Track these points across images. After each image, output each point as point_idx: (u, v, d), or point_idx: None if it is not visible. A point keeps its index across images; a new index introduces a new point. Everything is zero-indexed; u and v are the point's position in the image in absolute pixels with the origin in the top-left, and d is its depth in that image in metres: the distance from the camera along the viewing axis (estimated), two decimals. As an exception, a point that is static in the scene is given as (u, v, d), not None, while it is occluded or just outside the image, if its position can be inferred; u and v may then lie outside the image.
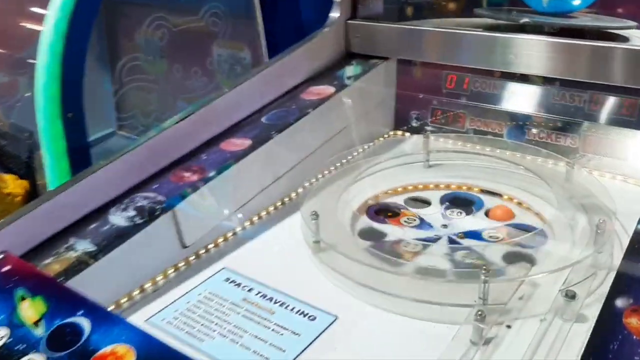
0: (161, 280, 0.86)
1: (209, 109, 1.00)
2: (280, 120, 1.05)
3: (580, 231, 0.86)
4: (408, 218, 0.99)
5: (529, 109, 1.13)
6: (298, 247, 0.91)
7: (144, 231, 0.82)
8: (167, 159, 0.95)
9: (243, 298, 0.81)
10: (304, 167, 1.06)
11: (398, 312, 0.76)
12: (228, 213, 0.94)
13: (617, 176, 1.06)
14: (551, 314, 0.74)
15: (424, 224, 0.98)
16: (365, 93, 1.20)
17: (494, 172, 1.08)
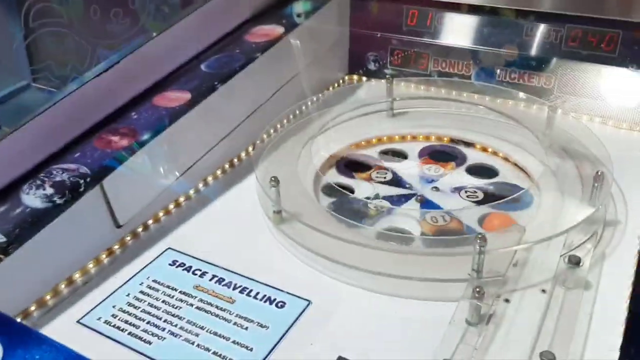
0: (93, 268, 0.71)
1: (136, 57, 0.83)
2: (223, 68, 0.89)
3: (572, 185, 0.78)
4: (379, 172, 0.88)
5: (499, 46, 1.02)
6: (255, 217, 0.79)
7: (67, 212, 0.66)
8: (89, 120, 0.78)
9: (195, 285, 0.68)
10: (252, 122, 0.92)
11: (382, 291, 0.66)
12: (168, 182, 0.79)
13: (595, 118, 0.98)
14: (552, 283, 0.65)
15: (397, 179, 0.87)
16: (318, 33, 1.05)
17: (465, 119, 0.97)
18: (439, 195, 0.83)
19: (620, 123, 0.96)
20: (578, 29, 0.95)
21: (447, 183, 0.85)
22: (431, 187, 0.84)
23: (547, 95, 1.00)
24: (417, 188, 0.85)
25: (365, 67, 1.15)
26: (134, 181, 0.74)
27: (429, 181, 0.86)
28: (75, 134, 0.76)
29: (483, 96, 1.03)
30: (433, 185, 0.85)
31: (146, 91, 0.85)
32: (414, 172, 0.88)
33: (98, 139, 0.75)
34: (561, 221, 0.70)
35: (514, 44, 1.00)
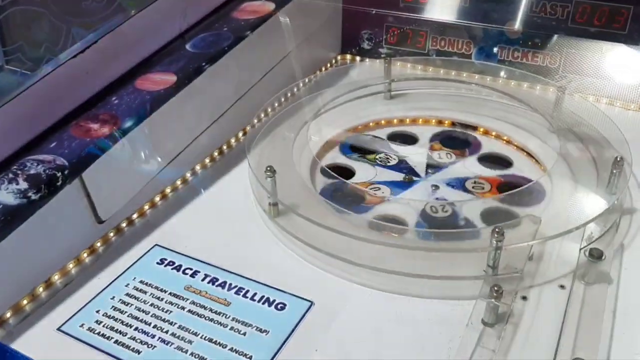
0: (73, 268, 0.65)
1: (116, 36, 0.76)
2: (210, 48, 0.83)
3: (586, 171, 0.73)
4: (385, 155, 0.83)
5: (501, 23, 0.96)
6: (249, 209, 0.73)
7: (43, 209, 0.60)
8: (65, 106, 0.71)
9: (186, 286, 0.62)
10: (242, 105, 0.86)
11: (389, 289, 0.61)
12: (153, 172, 0.73)
13: (602, 98, 0.93)
14: (572, 278, 0.61)
15: (403, 165, 0.81)
16: (309, 10, 0.99)
17: (467, 101, 0.92)
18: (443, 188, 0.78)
19: (628, 104, 0.92)
20: (586, 4, 0.90)
21: (455, 172, 0.80)
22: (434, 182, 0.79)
23: (552, 75, 0.95)
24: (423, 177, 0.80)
25: (359, 45, 1.09)
26: (117, 173, 0.68)
27: (436, 170, 0.81)
28: (51, 121, 0.69)
29: (484, 76, 0.98)
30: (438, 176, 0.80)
31: (128, 73, 0.78)
32: (423, 158, 0.83)
33: (76, 127, 0.69)
34: (579, 212, 0.66)
35: (517, 20, 0.95)
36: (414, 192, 0.77)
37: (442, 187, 0.77)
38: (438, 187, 0.77)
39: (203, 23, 0.89)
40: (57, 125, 0.70)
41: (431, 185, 0.78)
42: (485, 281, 0.59)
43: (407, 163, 0.83)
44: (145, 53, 0.81)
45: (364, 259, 0.62)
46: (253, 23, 0.88)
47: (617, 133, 0.76)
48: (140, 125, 0.70)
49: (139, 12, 0.80)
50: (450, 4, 0.99)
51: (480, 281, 0.59)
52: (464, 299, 0.59)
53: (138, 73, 0.78)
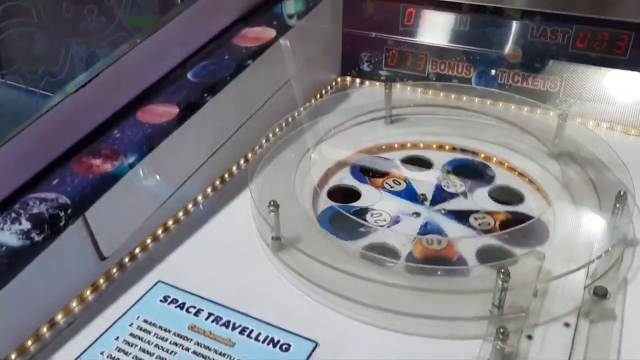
0: (77, 307, 0.65)
1: (117, 68, 0.76)
2: (211, 77, 0.83)
3: (589, 203, 0.73)
4: (394, 180, 0.82)
5: (502, 48, 0.97)
6: (251, 242, 0.73)
7: (47, 250, 0.60)
8: (67, 141, 0.71)
9: (190, 325, 0.62)
10: (244, 132, 0.86)
11: (395, 328, 0.61)
12: (156, 206, 0.73)
13: (603, 123, 0.94)
14: (576, 316, 0.61)
15: (410, 191, 0.81)
16: (310, 35, 0.99)
17: (467, 126, 0.92)
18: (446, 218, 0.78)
19: (629, 128, 0.92)
20: (587, 30, 0.90)
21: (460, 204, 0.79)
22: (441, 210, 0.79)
23: (552, 99, 0.96)
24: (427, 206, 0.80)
25: (358, 67, 1.09)
26: (119, 208, 0.68)
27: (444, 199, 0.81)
28: (53, 157, 0.69)
29: (484, 100, 0.98)
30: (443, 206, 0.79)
31: (129, 104, 0.78)
32: (431, 186, 0.83)
33: (78, 163, 0.68)
34: (584, 248, 0.66)
35: (518, 45, 0.95)
36: (416, 222, 0.77)
37: (444, 218, 0.77)
38: (418, 216, 0.77)
39: (204, 51, 0.88)
40: (59, 161, 0.69)
41: (413, 212, 0.78)
42: (490, 321, 0.59)
43: (414, 190, 0.82)
44: (146, 83, 0.80)
45: (368, 297, 0.62)
46: (254, 50, 0.87)
47: (618, 161, 0.76)
48: (143, 160, 0.70)
49: (142, 41, 0.80)
50: (449, 28, 0.99)
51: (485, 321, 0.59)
52: (470, 339, 0.59)
53: (139, 104, 0.78)
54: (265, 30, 0.93)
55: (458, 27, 0.99)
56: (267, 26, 0.93)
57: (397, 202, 0.80)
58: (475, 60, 0.99)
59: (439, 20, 0.99)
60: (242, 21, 0.95)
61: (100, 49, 1.39)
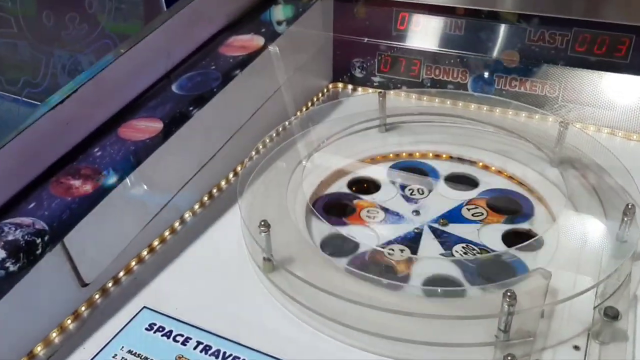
0: (57, 337, 0.61)
1: (96, 82, 0.72)
2: (197, 89, 0.79)
3: (595, 216, 0.70)
4: (369, 211, 0.78)
5: (498, 52, 0.94)
6: (242, 263, 0.70)
7: (23, 281, 0.56)
8: (44, 160, 0.67)
9: (178, 355, 0.59)
10: (232, 145, 0.82)
11: (395, 356, 0.57)
12: (140, 227, 0.69)
13: (603, 128, 0.91)
14: (586, 338, 0.58)
15: (390, 214, 0.78)
16: (300, 42, 0.95)
17: (464, 134, 0.89)
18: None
19: (630, 134, 0.89)
20: (586, 33, 0.87)
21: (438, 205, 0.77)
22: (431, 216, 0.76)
23: (551, 104, 0.93)
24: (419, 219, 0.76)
25: (350, 74, 1.05)
26: (101, 232, 0.64)
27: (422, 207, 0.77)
28: (29, 178, 0.65)
29: (481, 106, 0.95)
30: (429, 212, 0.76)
31: (110, 120, 0.74)
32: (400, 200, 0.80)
33: (56, 184, 0.65)
34: (591, 264, 0.62)
35: (515, 49, 0.92)
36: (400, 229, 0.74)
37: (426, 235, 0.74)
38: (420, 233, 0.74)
39: (189, 61, 0.85)
40: (36, 183, 0.65)
41: (414, 229, 0.74)
42: (496, 347, 0.55)
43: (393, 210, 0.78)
44: (128, 98, 0.77)
45: (366, 323, 0.58)
46: (242, 60, 0.84)
47: (621, 168, 0.74)
48: (125, 179, 0.66)
49: (121, 55, 0.76)
50: (444, 32, 0.96)
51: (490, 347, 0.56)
52: (474, 365, 0.56)
53: (121, 120, 0.74)
54: (253, 38, 0.89)
55: (453, 31, 0.95)
56: (255, 34, 0.90)
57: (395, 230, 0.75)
58: (471, 65, 0.96)
59: (433, 25, 0.96)
60: (229, 29, 0.92)
61: (84, 56, 1.35)
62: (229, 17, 0.92)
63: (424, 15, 0.96)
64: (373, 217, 0.77)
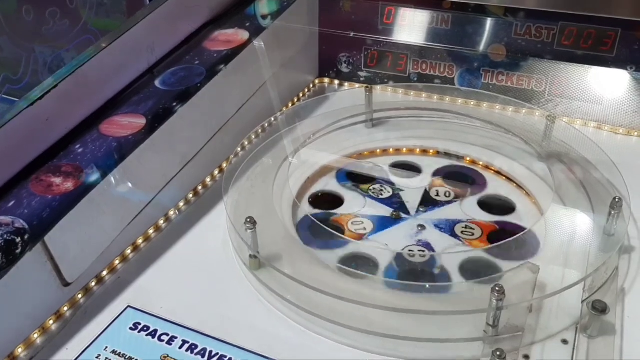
0: (39, 338, 0.60)
1: (77, 78, 0.71)
2: (181, 84, 0.78)
3: (583, 211, 0.70)
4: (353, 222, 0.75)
5: (485, 46, 0.93)
6: (227, 260, 0.69)
7: (3, 281, 0.55)
8: (24, 158, 0.66)
9: (163, 355, 0.58)
10: (217, 141, 0.81)
11: (383, 352, 0.57)
12: (123, 225, 0.68)
13: (590, 122, 0.91)
14: (574, 332, 0.57)
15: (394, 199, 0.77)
16: (286, 36, 0.94)
17: (451, 129, 0.88)
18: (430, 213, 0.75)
19: (617, 128, 0.89)
20: (573, 27, 0.86)
21: (447, 214, 0.75)
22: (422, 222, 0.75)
23: (538, 98, 0.92)
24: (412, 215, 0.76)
25: (336, 69, 1.05)
26: (83, 231, 0.63)
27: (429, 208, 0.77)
28: (8, 176, 0.64)
29: (468, 101, 0.94)
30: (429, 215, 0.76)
31: (92, 116, 0.73)
32: (419, 193, 0.79)
33: (36, 182, 0.63)
34: (579, 257, 0.62)
35: (501, 43, 0.92)
36: (398, 230, 0.73)
37: (429, 228, 0.73)
38: (424, 228, 0.73)
39: (173, 56, 0.83)
40: (16, 180, 0.64)
41: (417, 226, 0.74)
42: (485, 342, 0.55)
43: (400, 197, 0.78)
44: (110, 93, 0.75)
45: (354, 320, 0.58)
46: (227, 54, 0.83)
47: (608, 162, 0.74)
48: (108, 176, 0.65)
49: (102, 50, 0.74)
50: (430, 26, 0.95)
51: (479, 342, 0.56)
52: None
53: (103, 116, 0.73)
54: (237, 33, 0.88)
55: (439, 25, 0.95)
56: (239, 28, 0.89)
57: (382, 210, 0.76)
58: (458, 60, 0.95)
59: (419, 19, 0.96)
60: (213, 23, 0.90)
61: (66, 52, 1.33)
62: (212, 11, 0.91)
63: (410, 9, 0.95)
64: (363, 229, 0.74)
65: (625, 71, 0.86)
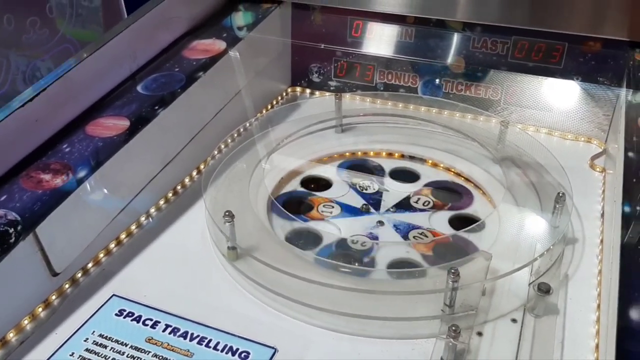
0: (29, 324, 0.64)
1: (64, 81, 0.75)
2: (162, 89, 0.83)
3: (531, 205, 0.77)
4: (325, 205, 0.83)
5: (446, 58, 1.00)
6: (207, 253, 0.73)
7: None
8: (14, 156, 0.70)
9: (147, 338, 0.62)
10: (196, 144, 0.86)
11: (351, 331, 0.62)
12: (108, 220, 0.72)
13: (542, 129, 0.98)
14: (522, 312, 0.64)
15: (346, 208, 0.83)
16: (260, 46, 1.00)
17: (415, 134, 0.95)
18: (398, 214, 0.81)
19: (566, 134, 0.97)
20: (524, 40, 0.94)
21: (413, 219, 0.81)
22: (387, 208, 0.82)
23: (495, 107, 1.00)
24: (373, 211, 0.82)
25: (308, 78, 1.11)
26: (71, 223, 0.67)
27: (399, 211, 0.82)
28: (0, 172, 0.68)
29: (430, 109, 1.01)
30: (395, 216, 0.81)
31: (78, 118, 0.77)
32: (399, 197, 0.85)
33: (26, 178, 0.67)
34: (527, 247, 0.69)
35: (460, 55, 0.99)
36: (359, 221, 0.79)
37: (387, 225, 0.79)
38: (382, 224, 0.79)
39: (153, 63, 0.88)
40: (6, 178, 0.68)
41: (377, 221, 0.79)
42: (442, 320, 0.61)
43: (381, 196, 0.84)
44: (95, 97, 0.80)
45: (323, 302, 0.63)
46: (205, 63, 0.88)
47: (557, 165, 0.81)
48: (95, 173, 0.69)
49: (88, 56, 0.79)
50: (396, 39, 1.02)
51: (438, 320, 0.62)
52: (423, 338, 0.61)
53: (88, 118, 0.77)
54: (215, 42, 0.93)
55: (404, 38, 1.02)
56: (217, 38, 0.94)
57: (357, 201, 0.83)
58: (421, 70, 1.03)
59: (385, 32, 1.02)
60: (191, 34, 0.96)
61: (42, 62, 1.36)
62: (191, 22, 0.96)
63: (377, 23, 1.02)
64: (330, 212, 0.81)
65: (573, 81, 0.94)
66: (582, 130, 0.96)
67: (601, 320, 0.62)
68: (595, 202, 0.82)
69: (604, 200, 0.81)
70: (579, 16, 0.90)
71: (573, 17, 0.91)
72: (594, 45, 0.92)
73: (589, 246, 0.74)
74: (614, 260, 0.62)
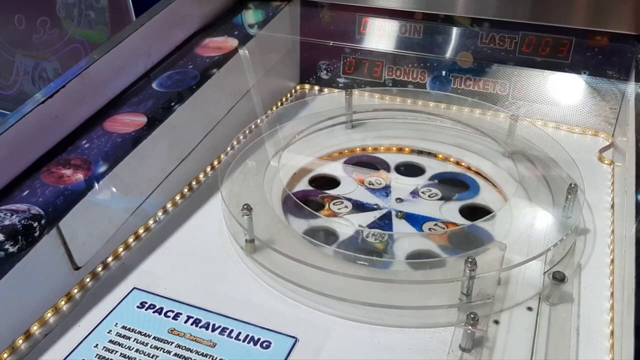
0: (52, 317, 0.65)
1: (82, 79, 0.76)
2: (177, 86, 0.84)
3: (542, 196, 0.78)
4: (335, 202, 0.83)
5: (454, 54, 1.02)
6: (224, 246, 0.75)
7: (22, 261, 0.59)
8: (35, 152, 0.71)
9: (170, 329, 0.63)
10: (210, 140, 0.87)
11: (370, 321, 0.63)
12: (127, 214, 0.73)
13: (549, 123, 0.99)
14: (537, 300, 0.65)
15: (357, 204, 0.83)
16: (271, 44, 1.01)
17: (425, 129, 0.96)
18: (409, 205, 0.82)
19: (573, 127, 0.98)
20: (532, 36, 0.96)
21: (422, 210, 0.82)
22: (395, 199, 0.83)
23: (502, 102, 1.01)
24: (384, 205, 0.83)
25: (317, 75, 1.12)
26: (92, 218, 0.68)
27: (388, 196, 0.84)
28: (21, 168, 0.69)
29: (439, 104, 1.02)
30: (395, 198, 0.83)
31: (95, 115, 0.78)
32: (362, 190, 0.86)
33: (47, 174, 0.68)
34: (540, 238, 0.70)
35: (469, 51, 1.00)
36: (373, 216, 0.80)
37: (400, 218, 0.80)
38: (397, 217, 0.80)
39: (167, 61, 0.89)
40: (27, 173, 0.69)
41: (390, 215, 0.80)
42: (460, 309, 0.62)
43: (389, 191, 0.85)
44: (111, 94, 0.81)
45: (342, 292, 0.64)
46: (218, 60, 0.89)
47: (567, 158, 0.82)
48: (116, 169, 0.70)
49: (105, 54, 0.80)
50: (404, 36, 1.03)
51: (455, 309, 0.63)
52: (441, 327, 0.62)
53: (106, 115, 0.78)
54: (227, 40, 0.94)
55: (412, 35, 1.03)
56: (228, 36, 0.95)
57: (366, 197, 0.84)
58: (429, 66, 1.04)
59: (393, 29, 1.04)
60: (203, 31, 0.97)
61: (49, 63, 1.37)
62: (203, 20, 0.97)
63: (385, 19, 1.03)
64: (342, 209, 0.82)
65: (580, 76, 0.95)
66: (589, 124, 0.97)
67: (615, 307, 0.64)
68: (604, 193, 0.83)
69: (614, 191, 0.83)
70: (586, 11, 0.91)
71: (580, 12, 0.93)
72: (601, 40, 0.93)
73: (600, 236, 0.75)
74: (627, 249, 0.63)
